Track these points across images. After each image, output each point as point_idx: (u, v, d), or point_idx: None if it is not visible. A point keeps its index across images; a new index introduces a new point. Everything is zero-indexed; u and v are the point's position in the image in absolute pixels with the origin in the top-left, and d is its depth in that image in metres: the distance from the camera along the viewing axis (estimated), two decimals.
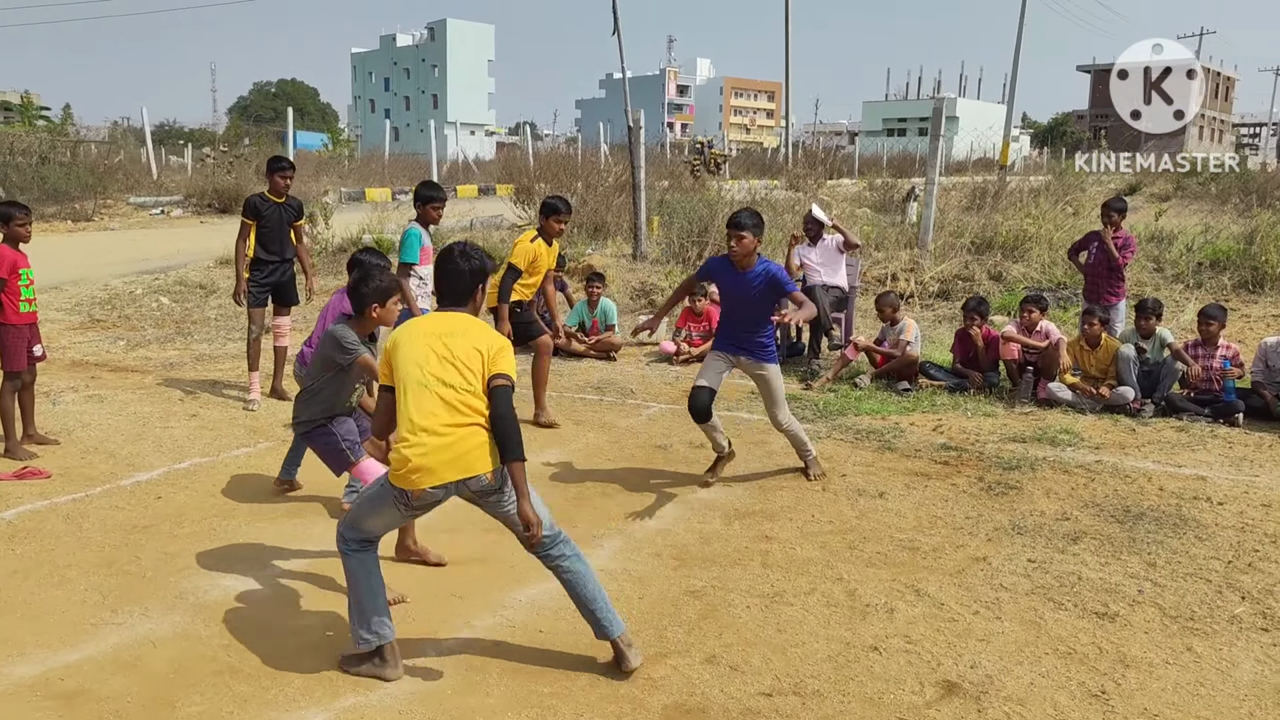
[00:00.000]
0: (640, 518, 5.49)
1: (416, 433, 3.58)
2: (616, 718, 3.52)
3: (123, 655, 3.90)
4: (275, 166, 8.05)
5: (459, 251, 3.87)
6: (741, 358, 5.94)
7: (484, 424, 3.64)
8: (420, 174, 31.59)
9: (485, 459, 3.63)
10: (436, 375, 3.64)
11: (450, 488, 3.64)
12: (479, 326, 3.79)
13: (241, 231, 7.92)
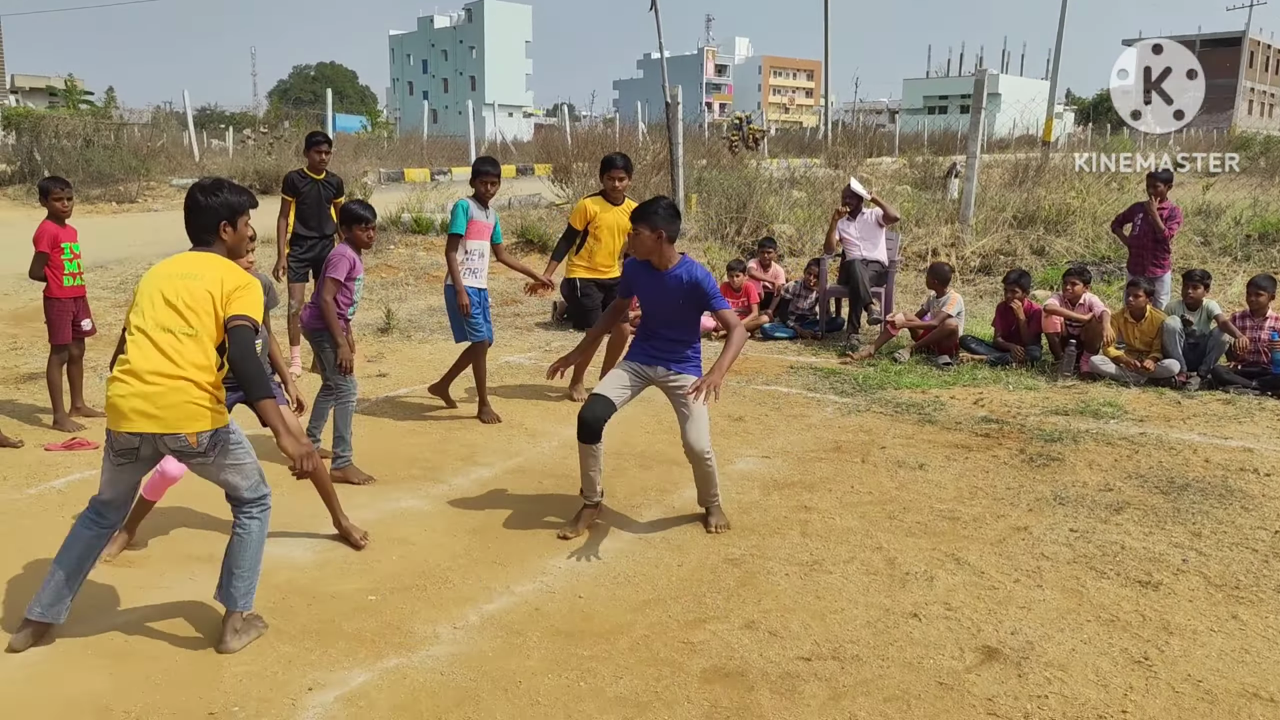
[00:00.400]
0: (678, 489, 5.50)
1: (125, 374, 3.46)
2: (655, 680, 3.55)
3: (169, 617, 3.98)
4: (312, 141, 8.12)
5: (200, 187, 3.64)
6: (658, 368, 4.92)
7: (201, 381, 3.47)
8: (459, 155, 31.70)
9: (191, 420, 3.46)
10: (156, 319, 3.50)
11: (149, 440, 3.48)
12: (219, 267, 3.59)
13: (282, 208, 8.01)
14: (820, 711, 3.34)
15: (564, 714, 3.33)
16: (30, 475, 5.57)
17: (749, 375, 8.03)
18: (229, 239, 3.70)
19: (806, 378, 7.98)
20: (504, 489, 5.52)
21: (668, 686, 3.50)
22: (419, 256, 13.71)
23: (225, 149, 31.58)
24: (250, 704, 3.38)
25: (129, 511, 4.04)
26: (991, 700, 3.39)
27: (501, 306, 11.09)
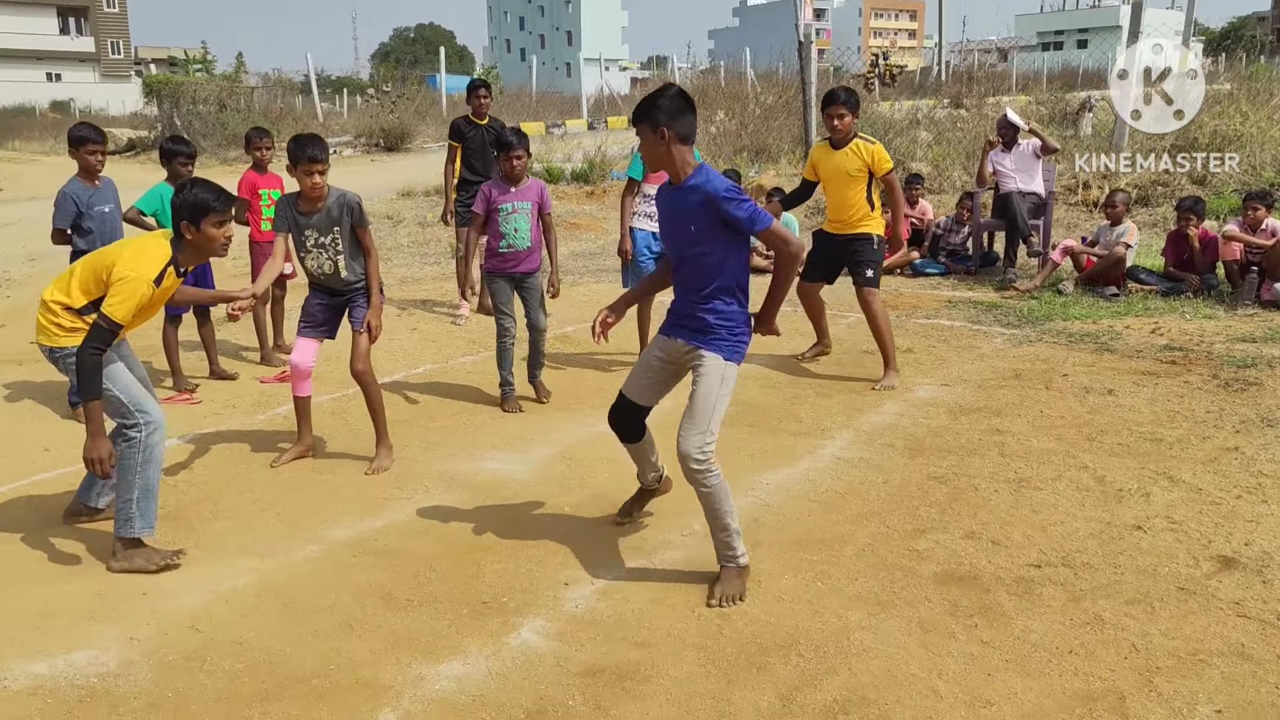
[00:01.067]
0: (863, 413, 5.59)
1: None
2: (890, 581, 3.67)
3: (418, 524, 4.28)
4: (472, 88, 8.30)
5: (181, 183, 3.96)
6: (677, 341, 3.66)
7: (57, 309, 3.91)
8: (567, 108, 31.90)
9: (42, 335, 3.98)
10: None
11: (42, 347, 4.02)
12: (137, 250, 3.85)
13: (449, 154, 8.23)
14: (1063, 612, 3.43)
15: (809, 609, 3.49)
16: (255, 404, 5.99)
17: (907, 310, 8.02)
18: (191, 237, 3.88)
19: (967, 311, 7.94)
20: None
21: (904, 587, 3.63)
22: (554, 204, 13.96)
23: (339, 111, 32.48)
24: (515, 595, 3.64)
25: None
26: (1239, 604, 3.42)
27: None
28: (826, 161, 6.10)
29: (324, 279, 4.86)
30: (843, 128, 5.95)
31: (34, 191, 19.17)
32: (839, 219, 6.18)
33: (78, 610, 3.58)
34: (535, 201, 5.74)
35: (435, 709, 2.97)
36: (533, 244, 5.77)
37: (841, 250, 6.19)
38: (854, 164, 5.97)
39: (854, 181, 5.99)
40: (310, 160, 4.61)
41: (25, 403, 6.04)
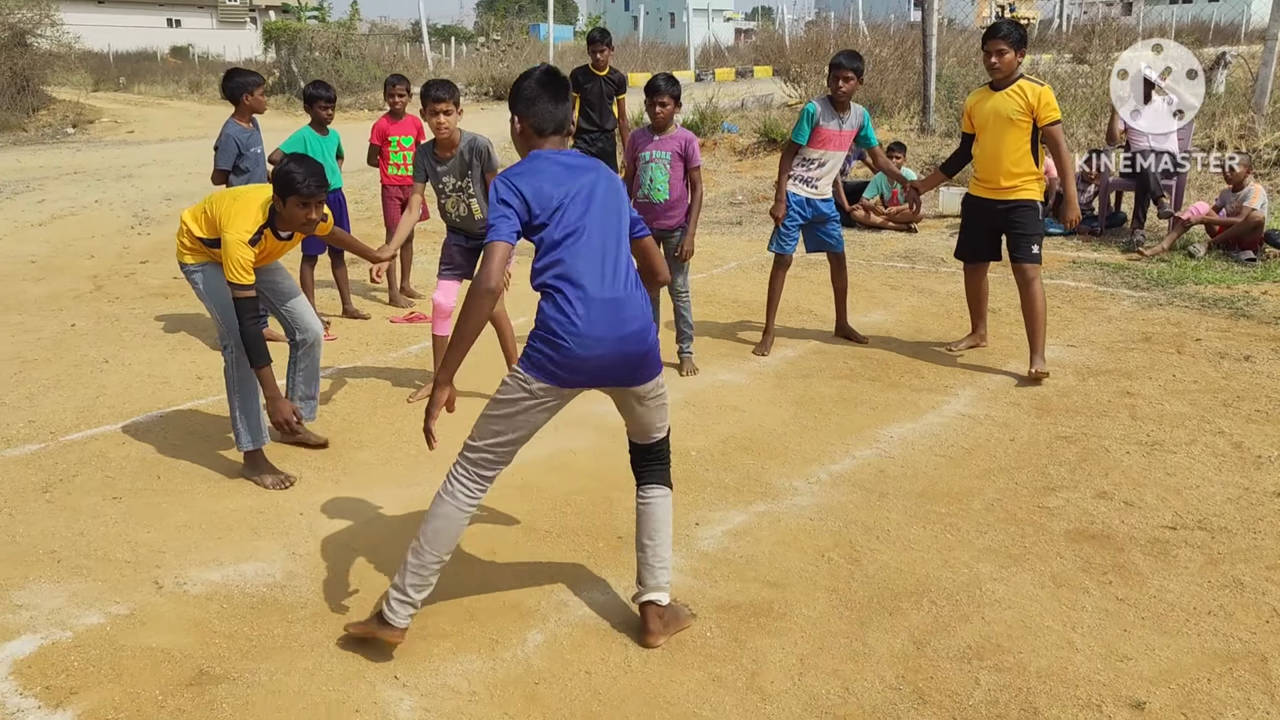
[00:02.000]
0: (986, 371, 5.55)
1: None
2: (1020, 536, 3.69)
3: (553, 461, 4.44)
4: (591, 40, 8.38)
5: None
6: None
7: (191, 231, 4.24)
8: (674, 60, 31.66)
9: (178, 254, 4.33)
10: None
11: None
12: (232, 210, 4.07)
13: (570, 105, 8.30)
14: (1200, 574, 3.40)
15: (940, 559, 3.54)
16: (387, 343, 6.25)
17: None
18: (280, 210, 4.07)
19: (1093, 272, 7.74)
20: (818, 366, 5.72)
21: (1035, 542, 3.64)
22: None
23: (447, 60, 32.86)
24: None
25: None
26: None
27: (755, 204, 11.19)
28: (982, 106, 5.36)
29: (460, 222, 5.02)
30: (1003, 66, 5.18)
31: (163, 134, 20.03)
32: (992, 178, 5.36)
33: (242, 525, 3.85)
34: (677, 153, 5.38)
35: (579, 633, 3.12)
36: (672, 199, 5.43)
37: (997, 220, 5.41)
38: (1014, 105, 5.18)
39: (1013, 129, 5.20)
40: (434, 100, 4.70)
41: (177, 334, 6.40)
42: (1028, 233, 5.33)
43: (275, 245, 4.24)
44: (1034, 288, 5.35)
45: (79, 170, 14.49)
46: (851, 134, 5.77)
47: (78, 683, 2.87)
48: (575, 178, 2.89)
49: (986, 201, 5.45)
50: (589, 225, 2.83)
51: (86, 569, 3.51)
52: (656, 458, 3.10)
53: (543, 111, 2.99)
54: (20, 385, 5.43)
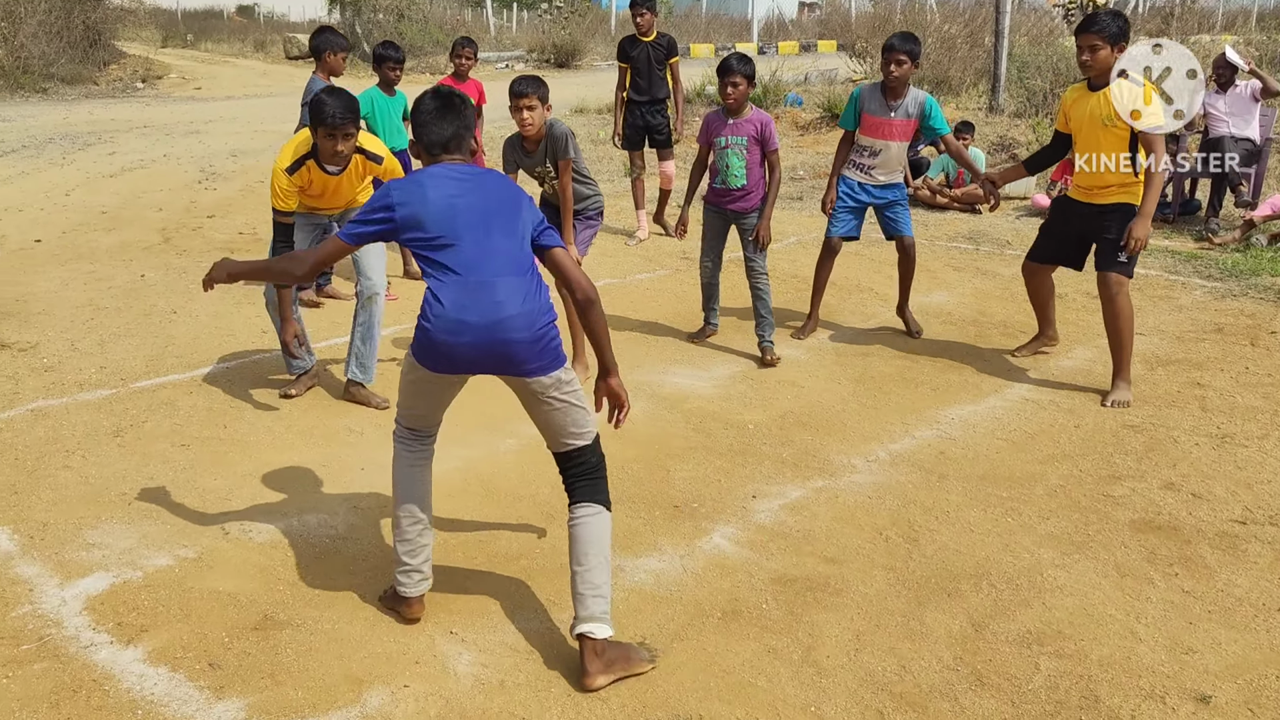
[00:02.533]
0: (1051, 357, 5.45)
1: None
2: (1084, 524, 3.63)
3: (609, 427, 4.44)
4: (632, 5, 7.85)
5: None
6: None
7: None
8: (737, 32, 31.36)
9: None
10: None
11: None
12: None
13: (619, 77, 7.95)
14: (1271, 569, 3.33)
15: (1000, 543, 3.50)
16: None
17: None
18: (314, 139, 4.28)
19: (1163, 260, 7.55)
20: (875, 344, 5.67)
21: (1099, 531, 3.58)
22: None
23: (509, 26, 32.84)
24: (705, 502, 3.77)
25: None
26: None
27: (817, 179, 11.06)
28: (1079, 106, 4.79)
29: (550, 198, 5.04)
30: (1095, 63, 4.59)
31: (229, 91, 20.30)
32: (1087, 183, 4.83)
33: (306, 477, 3.92)
34: (753, 137, 5.15)
35: (636, 599, 3.14)
36: (749, 185, 5.22)
37: (1088, 224, 4.84)
38: (1109, 109, 4.63)
39: (1109, 134, 4.67)
40: (518, 95, 4.64)
41: (243, 288, 6.51)
42: (1116, 239, 4.69)
43: (324, 180, 4.39)
44: (1119, 302, 4.76)
45: (148, 124, 14.75)
46: (907, 124, 5.35)
47: (148, 621, 2.95)
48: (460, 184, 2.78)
49: (1079, 205, 4.90)
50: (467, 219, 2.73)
51: (156, 512, 3.60)
52: (581, 470, 2.84)
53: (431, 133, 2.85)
54: (92, 332, 5.56)
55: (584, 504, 2.81)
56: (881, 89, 5.36)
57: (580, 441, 2.85)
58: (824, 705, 2.66)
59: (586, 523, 2.79)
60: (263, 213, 8.95)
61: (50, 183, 10.01)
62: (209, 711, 2.58)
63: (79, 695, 2.63)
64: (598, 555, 2.76)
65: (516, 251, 2.74)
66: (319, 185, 4.43)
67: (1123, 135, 4.64)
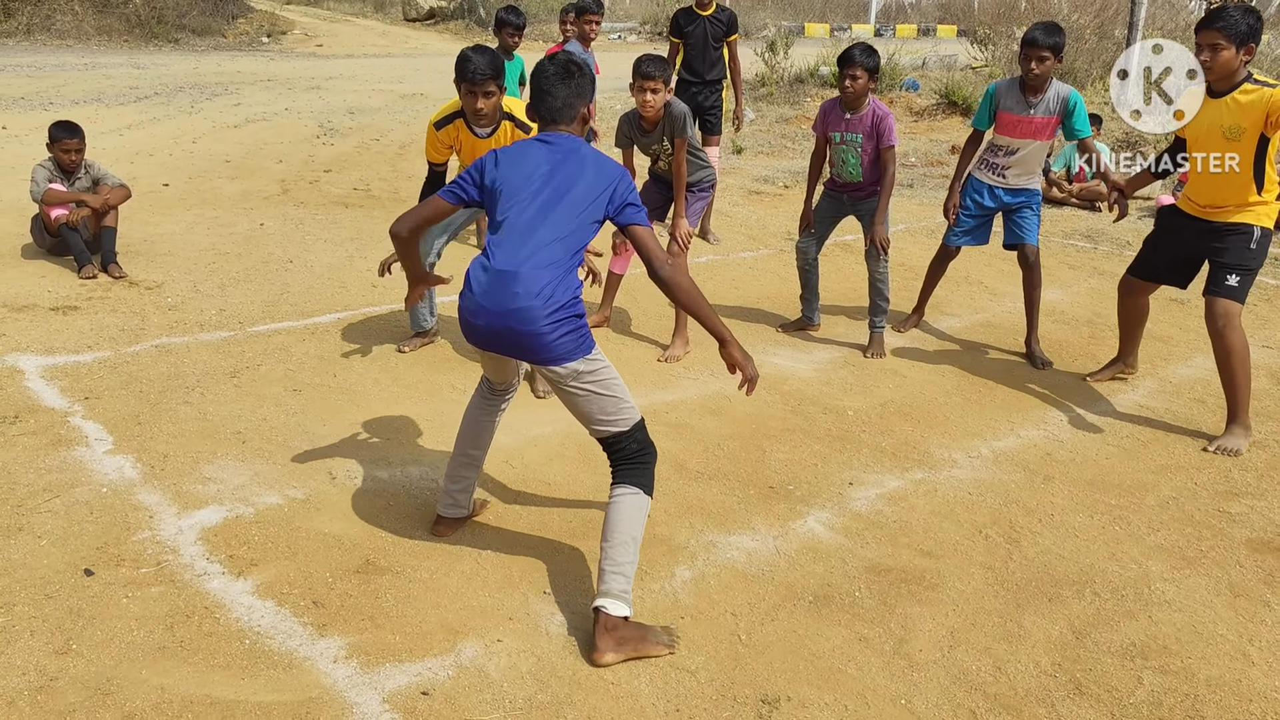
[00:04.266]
0: (1169, 364, 5.25)
1: None
2: (1196, 539, 3.49)
3: (707, 404, 4.45)
4: None
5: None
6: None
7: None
8: (854, 13, 30.75)
9: None
10: None
11: None
12: None
13: (670, 52, 7.20)
14: None
15: (1106, 551, 3.39)
16: None
17: None
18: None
19: None
20: (976, 340, 5.53)
21: (1212, 547, 3.44)
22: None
23: None
24: (801, 485, 3.74)
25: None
26: None
27: (928, 167, 10.81)
28: (1199, 115, 4.29)
29: (663, 174, 5.02)
30: (1216, 66, 4.04)
31: (350, 49, 20.78)
32: (1204, 199, 4.32)
33: (410, 429, 4.01)
34: (867, 133, 5.01)
35: (727, 575, 3.14)
36: (865, 180, 5.11)
37: (1201, 241, 4.35)
38: (1231, 119, 4.09)
39: (1232, 146, 4.13)
40: (644, 76, 4.59)
41: (356, 242, 6.68)
42: (1232, 262, 4.22)
43: (473, 141, 4.39)
44: (1228, 337, 4.19)
45: (272, 78, 15.20)
46: (1048, 121, 4.99)
47: (258, 555, 3.07)
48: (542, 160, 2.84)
49: (1191, 219, 4.39)
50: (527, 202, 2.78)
51: (268, 453, 3.73)
52: (620, 455, 2.86)
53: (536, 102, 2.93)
54: (213, 276, 5.78)
55: (620, 485, 2.84)
56: (1020, 84, 5.00)
57: (612, 429, 2.85)
58: (915, 699, 2.62)
59: (618, 502, 2.81)
60: (376, 169, 9.18)
61: (179, 130, 10.40)
62: (311, 647, 2.67)
63: (191, 620, 2.75)
64: (624, 534, 2.77)
65: (562, 241, 2.74)
66: (468, 147, 4.41)
67: (1248, 148, 4.11)
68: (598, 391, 2.81)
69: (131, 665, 2.56)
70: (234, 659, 2.61)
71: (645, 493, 2.84)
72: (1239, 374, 4.23)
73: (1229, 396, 4.31)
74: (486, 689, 2.56)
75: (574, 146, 2.87)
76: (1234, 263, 4.23)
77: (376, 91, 14.09)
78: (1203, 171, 4.28)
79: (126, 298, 5.32)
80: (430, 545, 3.20)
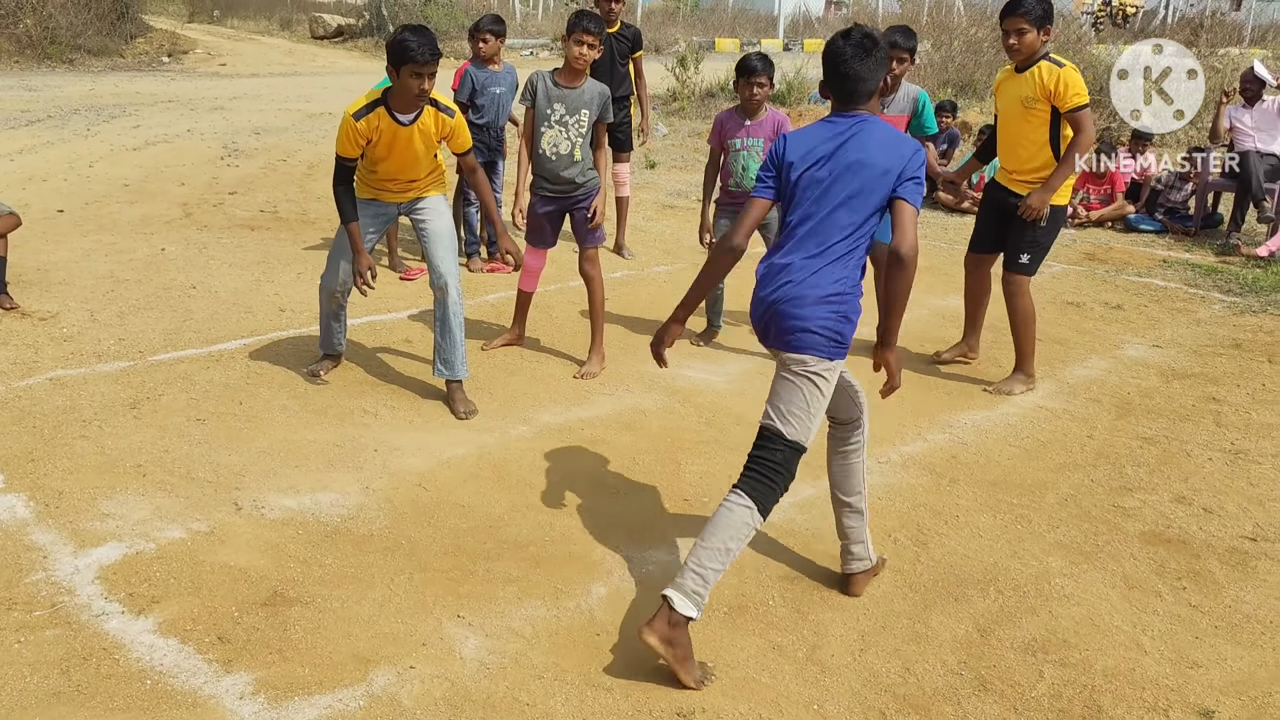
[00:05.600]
0: (1067, 365, 5.43)
1: None
2: (1093, 534, 3.63)
3: (622, 419, 4.47)
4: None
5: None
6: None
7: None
8: (764, 27, 31.22)
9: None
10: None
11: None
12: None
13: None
14: (1279, 587, 3.32)
15: (1009, 550, 3.49)
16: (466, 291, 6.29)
17: (1118, 265, 7.65)
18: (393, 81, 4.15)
19: (1183, 273, 7.51)
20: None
21: (1108, 541, 3.58)
22: None
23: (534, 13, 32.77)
24: (717, 497, 3.68)
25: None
26: None
27: None
28: (1005, 89, 4.85)
29: (554, 160, 4.76)
30: (1023, 47, 4.61)
31: (254, 69, 20.35)
32: (1010, 165, 4.90)
33: (319, 456, 3.94)
34: (769, 139, 5.11)
35: (643, 590, 3.15)
36: None
37: (1009, 212, 4.88)
38: (1029, 90, 4.65)
39: (1028, 116, 4.70)
40: (584, 30, 4.59)
41: (262, 266, 6.54)
42: (1024, 240, 4.80)
43: (394, 130, 4.22)
44: (1018, 301, 4.88)
45: (173, 99, 14.81)
46: (899, 119, 5.14)
47: (159, 592, 2.98)
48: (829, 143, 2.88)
49: (1005, 190, 4.93)
50: (814, 193, 2.88)
51: (170, 485, 3.63)
52: (760, 456, 2.85)
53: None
54: (112, 304, 5.60)
55: (741, 494, 2.82)
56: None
57: (777, 424, 2.86)
58: (827, 704, 2.67)
59: (731, 510, 2.80)
60: (284, 190, 9.00)
61: (74, 154, 10.07)
62: (217, 684, 2.61)
63: (89, 663, 2.66)
64: (721, 542, 2.75)
65: (835, 227, 2.85)
66: (387, 137, 4.22)
67: (1042, 119, 4.65)
68: (801, 387, 2.87)
69: (24, 713, 2.46)
70: (134, 700, 2.53)
71: (760, 513, 2.81)
72: (1026, 333, 4.96)
73: (1018, 350, 5.01)
74: (399, 718, 2.53)
75: (861, 124, 2.86)
76: (1028, 241, 4.85)
77: (283, 111, 13.83)
78: (1008, 141, 4.89)
79: (18, 329, 5.13)
80: (341, 573, 3.15)
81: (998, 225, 5.01)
